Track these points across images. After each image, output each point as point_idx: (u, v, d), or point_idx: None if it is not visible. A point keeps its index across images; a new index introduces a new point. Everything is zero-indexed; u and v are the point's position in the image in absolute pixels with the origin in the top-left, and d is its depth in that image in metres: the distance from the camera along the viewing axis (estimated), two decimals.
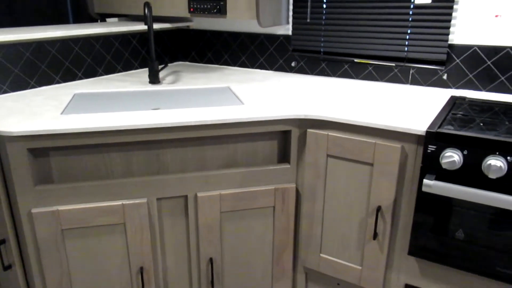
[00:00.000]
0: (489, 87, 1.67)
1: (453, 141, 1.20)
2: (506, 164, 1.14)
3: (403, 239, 1.41)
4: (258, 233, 1.57)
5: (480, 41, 1.64)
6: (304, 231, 1.57)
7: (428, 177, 1.24)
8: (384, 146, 1.32)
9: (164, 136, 1.37)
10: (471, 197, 1.17)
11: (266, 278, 1.65)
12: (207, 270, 1.56)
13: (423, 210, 1.30)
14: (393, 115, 1.39)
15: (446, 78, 1.73)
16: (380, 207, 1.38)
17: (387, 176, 1.34)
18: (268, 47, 2.11)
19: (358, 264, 1.50)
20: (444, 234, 1.29)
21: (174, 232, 1.51)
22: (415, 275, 1.42)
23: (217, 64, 2.30)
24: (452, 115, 1.38)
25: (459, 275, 1.34)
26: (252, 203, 1.51)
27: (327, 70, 1.99)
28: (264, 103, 1.53)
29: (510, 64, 1.61)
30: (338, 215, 1.48)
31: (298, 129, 1.47)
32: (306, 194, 1.52)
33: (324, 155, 1.43)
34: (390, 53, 1.81)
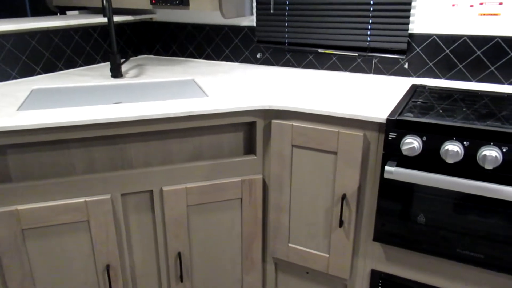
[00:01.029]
0: (448, 75, 1.71)
1: (413, 128, 1.23)
2: (462, 149, 1.18)
3: (368, 225, 1.43)
4: (226, 225, 1.57)
5: (438, 30, 1.68)
6: (272, 222, 1.58)
7: (389, 164, 1.26)
8: (347, 134, 1.33)
9: (126, 130, 1.34)
10: (430, 182, 1.20)
11: (236, 270, 1.65)
12: (176, 264, 1.54)
13: (386, 196, 1.33)
14: (356, 104, 1.40)
15: (407, 67, 1.77)
16: (345, 195, 1.40)
17: (351, 164, 1.36)
18: (233, 39, 2.09)
19: (326, 252, 1.52)
20: (406, 219, 1.32)
21: (141, 228, 1.48)
22: (380, 261, 1.45)
23: (182, 57, 2.27)
24: (412, 102, 1.41)
25: (422, 259, 1.38)
26: (219, 196, 1.51)
27: (292, 61, 2.00)
28: (229, 95, 1.52)
29: (467, 52, 1.65)
30: (305, 204, 1.50)
31: (263, 120, 1.47)
32: (273, 185, 1.53)
33: (289, 145, 1.44)
34: (353, 43, 1.83)
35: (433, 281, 1.38)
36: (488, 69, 1.64)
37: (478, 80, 1.67)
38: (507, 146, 1.13)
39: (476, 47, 1.63)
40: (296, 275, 1.65)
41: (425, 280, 1.39)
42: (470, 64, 1.66)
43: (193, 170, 1.45)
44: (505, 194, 1.13)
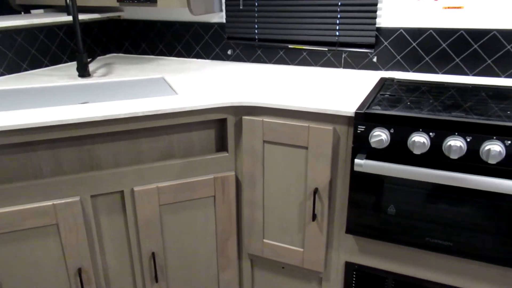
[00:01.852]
0: (416, 67, 1.74)
1: (380, 120, 1.25)
2: (429, 140, 1.20)
3: (340, 218, 1.45)
4: (200, 223, 1.56)
5: (405, 24, 1.71)
6: (246, 218, 1.58)
7: (359, 157, 1.28)
8: (317, 129, 1.34)
9: (94, 130, 1.31)
10: (398, 173, 1.22)
11: (212, 268, 1.64)
12: (150, 265, 1.53)
13: (357, 189, 1.34)
14: (326, 98, 1.41)
15: (376, 61, 1.79)
16: (317, 189, 1.41)
17: (322, 158, 1.37)
18: (203, 35, 2.08)
19: (300, 246, 1.53)
20: (377, 210, 1.34)
21: (113, 229, 1.46)
22: (354, 253, 1.47)
23: (152, 55, 2.23)
24: (380, 95, 1.43)
25: (394, 249, 1.40)
26: (192, 194, 1.50)
27: (263, 57, 1.99)
28: (199, 92, 1.51)
29: (433, 45, 1.68)
30: (278, 199, 1.50)
31: (233, 116, 1.47)
32: (245, 181, 1.52)
33: (261, 141, 1.44)
34: (323, 38, 1.84)
35: (405, 270, 1.41)
36: (454, 61, 1.67)
37: (444, 72, 1.71)
38: (471, 136, 1.16)
39: (441, 40, 1.67)
40: (272, 271, 1.66)
41: (397, 269, 1.42)
42: (436, 56, 1.69)
43: (164, 169, 1.44)
44: (469, 183, 1.15)
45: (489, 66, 1.63)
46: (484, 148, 1.14)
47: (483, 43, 1.61)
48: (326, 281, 1.56)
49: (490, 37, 1.60)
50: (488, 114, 1.21)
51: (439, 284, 1.37)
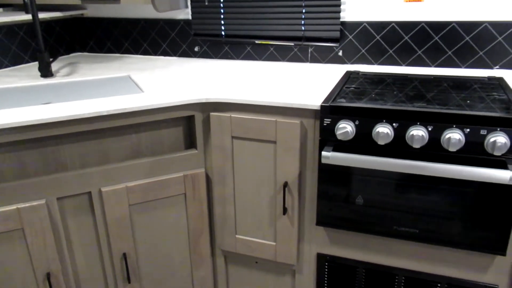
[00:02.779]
0: (380, 60, 1.78)
1: (346, 113, 1.27)
2: (392, 130, 1.23)
3: (311, 211, 1.47)
4: (171, 222, 1.55)
5: (368, 18, 1.74)
6: (218, 215, 1.58)
7: (326, 149, 1.30)
8: (284, 123, 1.35)
9: (57, 131, 1.28)
10: (364, 164, 1.25)
11: (185, 267, 1.63)
12: (122, 266, 1.51)
13: (325, 181, 1.36)
14: (293, 93, 1.43)
15: (342, 54, 1.82)
16: (286, 182, 1.42)
17: (290, 152, 1.38)
18: (169, 32, 2.05)
19: (272, 240, 1.54)
20: (345, 201, 1.36)
21: (82, 231, 1.43)
22: (325, 244, 1.49)
23: (118, 53, 2.20)
24: (346, 88, 1.45)
25: (363, 238, 1.43)
26: (162, 193, 1.48)
27: (231, 53, 1.99)
28: (165, 90, 1.49)
29: (396, 38, 1.72)
30: (249, 195, 1.51)
31: (201, 113, 1.46)
32: (216, 178, 1.52)
33: (229, 137, 1.44)
34: (289, 33, 1.85)
35: (375, 259, 1.44)
36: (416, 53, 1.72)
37: (407, 64, 1.75)
38: (432, 125, 1.19)
39: (404, 33, 1.71)
40: (246, 266, 1.66)
41: (367, 258, 1.45)
42: (399, 49, 1.73)
43: (132, 168, 1.42)
44: (431, 171, 1.19)
45: (450, 57, 1.68)
46: (445, 137, 1.18)
47: (443, 35, 1.66)
48: (299, 274, 1.57)
49: (450, 29, 1.64)
50: (450, 104, 1.25)
51: (408, 270, 1.41)
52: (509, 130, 1.13)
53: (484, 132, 1.15)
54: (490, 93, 1.35)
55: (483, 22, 1.60)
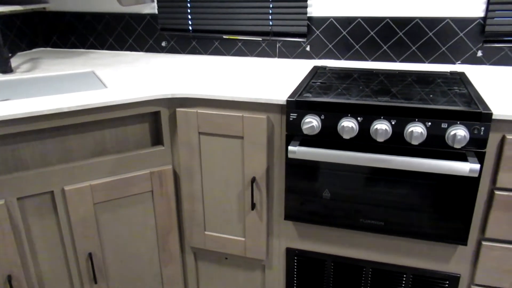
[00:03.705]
0: (347, 55, 1.79)
1: (311, 107, 1.27)
2: (357, 124, 1.24)
3: (279, 205, 1.47)
4: (138, 220, 1.52)
5: (335, 13, 1.75)
6: (186, 212, 1.56)
7: (292, 144, 1.30)
8: (251, 118, 1.35)
9: (16, 128, 1.24)
10: (329, 158, 1.26)
11: (154, 265, 1.61)
12: (88, 266, 1.47)
13: (293, 175, 1.37)
14: (260, 87, 1.42)
15: (309, 50, 1.83)
16: (254, 178, 1.42)
17: (257, 147, 1.38)
18: (135, 27, 2.01)
19: (241, 236, 1.54)
20: (313, 195, 1.37)
21: (44, 232, 1.39)
22: (294, 238, 1.50)
23: (82, 48, 2.14)
24: (312, 83, 1.46)
25: (331, 232, 1.45)
26: (128, 190, 1.46)
27: (199, 48, 1.97)
28: (130, 86, 1.46)
29: (362, 33, 1.74)
30: (217, 191, 1.50)
31: (167, 109, 1.44)
32: (183, 174, 1.51)
33: (196, 133, 1.43)
34: (256, 28, 1.85)
35: (342, 251, 1.46)
36: (382, 48, 1.74)
37: (373, 59, 1.77)
38: (395, 119, 1.21)
39: (369, 28, 1.73)
40: (215, 262, 1.66)
41: (335, 251, 1.47)
42: (365, 44, 1.75)
43: (96, 166, 1.38)
44: (395, 164, 1.21)
45: (414, 52, 1.71)
46: (408, 130, 1.20)
47: (407, 30, 1.69)
48: (269, 268, 1.58)
49: (413, 25, 1.67)
50: (414, 98, 1.27)
51: (375, 262, 1.43)
52: (469, 123, 1.16)
53: (445, 126, 1.18)
54: (452, 88, 1.38)
55: (445, 18, 1.64)
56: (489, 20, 1.59)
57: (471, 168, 1.15)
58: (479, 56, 1.66)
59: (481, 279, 1.33)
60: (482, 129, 1.15)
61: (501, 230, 1.26)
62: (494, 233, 1.27)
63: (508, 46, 1.62)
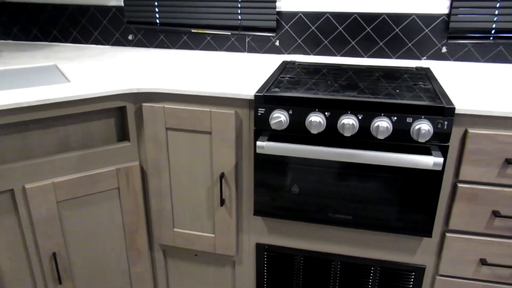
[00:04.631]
0: (316, 50, 1.80)
1: (279, 102, 1.27)
2: (324, 119, 1.24)
3: (248, 201, 1.46)
4: (105, 218, 1.48)
5: (303, 8, 1.75)
6: (154, 209, 1.54)
7: (261, 139, 1.30)
8: (219, 113, 1.33)
9: None
10: (297, 153, 1.26)
11: (122, 263, 1.58)
12: (52, 266, 1.43)
13: (261, 171, 1.36)
14: (228, 82, 1.41)
15: (279, 44, 1.82)
16: (223, 173, 1.41)
17: (226, 143, 1.36)
18: (100, 20, 1.96)
19: (211, 232, 1.52)
20: (282, 191, 1.37)
21: (5, 232, 1.33)
22: (263, 234, 1.50)
23: (45, 41, 2.06)
24: (281, 78, 1.46)
25: (300, 226, 1.45)
26: (94, 188, 1.42)
27: (167, 42, 1.93)
28: (94, 80, 1.42)
29: (331, 28, 1.75)
30: (186, 187, 1.48)
31: (133, 104, 1.40)
32: (151, 171, 1.48)
33: (163, 128, 1.40)
34: (225, 22, 1.83)
35: (312, 246, 1.47)
36: (350, 44, 1.75)
37: (342, 55, 1.78)
38: (362, 114, 1.22)
39: (337, 23, 1.74)
40: (185, 259, 1.64)
41: (305, 246, 1.47)
42: (334, 39, 1.76)
43: (60, 163, 1.34)
44: (361, 158, 1.22)
45: (381, 48, 1.73)
46: (374, 125, 1.21)
47: (375, 26, 1.71)
48: (239, 264, 1.57)
49: (381, 21, 1.69)
50: (381, 93, 1.29)
51: (343, 255, 1.45)
52: (432, 118, 1.18)
53: (410, 120, 1.20)
54: (417, 83, 1.41)
55: (411, 14, 1.66)
56: (453, 17, 1.63)
57: (434, 162, 1.18)
58: (444, 52, 1.69)
59: (445, 269, 1.37)
60: (445, 123, 1.18)
61: (464, 221, 1.29)
62: (457, 224, 1.30)
63: (471, 43, 1.66)
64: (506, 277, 1.33)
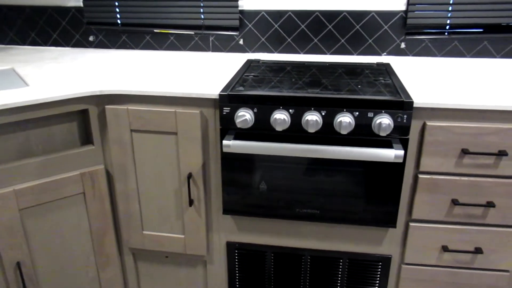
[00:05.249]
0: (280, 48, 1.82)
1: (244, 101, 1.28)
2: (289, 116, 1.26)
3: (217, 200, 1.47)
4: (71, 224, 1.45)
5: (266, 6, 1.76)
6: (122, 212, 1.51)
7: (227, 138, 1.30)
8: (184, 113, 1.33)
9: None
10: (263, 150, 1.27)
11: (91, 269, 1.55)
12: (16, 276, 1.39)
13: (229, 169, 1.37)
14: (193, 82, 1.40)
15: (243, 43, 1.83)
16: (191, 173, 1.40)
17: (192, 143, 1.36)
18: (59, 21, 1.91)
19: (181, 233, 1.52)
20: (250, 188, 1.38)
21: None
22: (233, 232, 1.50)
23: (1, 44, 1.99)
24: (245, 76, 1.46)
25: (269, 223, 1.47)
26: (58, 193, 1.38)
27: (129, 42, 1.91)
28: (54, 83, 1.39)
29: (293, 26, 1.77)
30: (153, 189, 1.46)
31: (96, 106, 1.38)
32: (117, 174, 1.46)
33: (128, 130, 1.38)
34: (188, 22, 1.82)
35: (282, 242, 1.49)
36: (312, 41, 1.78)
37: (305, 52, 1.81)
38: (325, 110, 1.25)
39: (300, 21, 1.76)
40: (156, 262, 1.62)
41: (275, 242, 1.49)
42: (297, 37, 1.79)
43: (21, 169, 1.30)
44: (325, 153, 1.25)
45: (343, 45, 1.77)
46: (337, 120, 1.24)
47: (336, 23, 1.74)
48: (210, 264, 1.57)
49: (342, 18, 1.73)
50: (343, 89, 1.31)
51: (313, 249, 1.47)
52: (392, 112, 1.22)
53: (371, 115, 1.23)
54: (378, 78, 1.45)
55: (370, 11, 1.70)
56: (410, 13, 1.68)
57: (396, 154, 1.21)
58: (403, 48, 1.74)
59: (410, 258, 1.42)
60: (404, 117, 1.22)
61: (426, 211, 1.34)
62: (420, 214, 1.35)
63: (428, 38, 1.72)
64: (466, 262, 1.39)
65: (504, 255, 1.36)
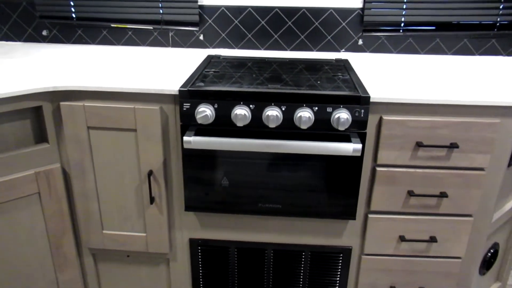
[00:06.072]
0: (240, 44, 1.82)
1: (204, 96, 1.27)
2: (249, 112, 1.27)
3: (179, 197, 1.45)
4: (25, 226, 1.40)
5: (225, 2, 1.75)
6: (80, 212, 1.47)
7: (187, 134, 1.29)
8: (143, 109, 1.30)
9: None
10: (224, 146, 1.27)
11: (48, 271, 1.50)
12: None
13: (190, 166, 1.36)
14: (152, 78, 1.38)
15: (203, 39, 1.82)
16: (151, 171, 1.38)
17: (152, 140, 1.34)
18: (10, 14, 1.82)
19: (142, 231, 1.49)
20: (212, 184, 1.38)
21: None
22: (196, 229, 1.50)
23: None
24: (205, 72, 1.45)
25: (232, 219, 1.47)
26: (10, 194, 1.33)
27: (85, 37, 1.85)
28: (5, 78, 1.33)
29: (253, 22, 1.77)
30: (113, 187, 1.43)
31: (50, 103, 1.33)
32: (74, 172, 1.41)
33: (84, 127, 1.34)
34: (147, 16, 1.78)
35: (245, 237, 1.49)
36: (273, 37, 1.79)
37: (266, 48, 1.82)
38: (285, 105, 1.26)
39: (260, 17, 1.76)
40: (117, 261, 1.59)
41: (238, 237, 1.49)
42: (257, 33, 1.79)
43: None
44: (285, 148, 1.26)
45: (303, 41, 1.79)
46: (297, 116, 1.25)
47: (296, 20, 1.76)
48: (173, 261, 1.56)
49: (301, 15, 1.75)
50: (303, 85, 1.33)
51: (275, 244, 1.49)
52: (350, 106, 1.25)
53: (330, 110, 1.25)
54: (336, 74, 1.48)
55: (329, 8, 1.73)
56: (366, 11, 1.72)
57: (354, 148, 1.24)
58: (360, 44, 1.79)
59: (369, 248, 1.46)
60: (362, 111, 1.25)
61: (383, 202, 1.38)
62: (378, 205, 1.39)
63: (384, 35, 1.77)
64: (422, 251, 1.44)
65: (457, 243, 1.43)
